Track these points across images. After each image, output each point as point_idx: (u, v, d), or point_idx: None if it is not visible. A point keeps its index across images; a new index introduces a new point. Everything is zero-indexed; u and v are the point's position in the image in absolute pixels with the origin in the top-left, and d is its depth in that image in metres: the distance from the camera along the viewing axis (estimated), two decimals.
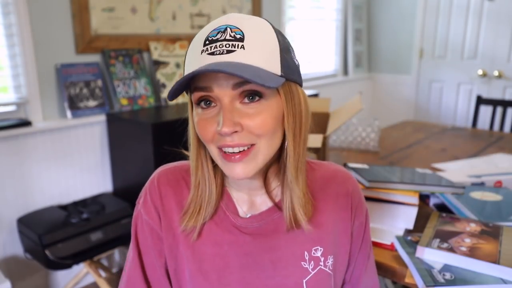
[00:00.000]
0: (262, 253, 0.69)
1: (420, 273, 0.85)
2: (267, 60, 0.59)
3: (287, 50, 0.63)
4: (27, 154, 1.98)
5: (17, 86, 1.97)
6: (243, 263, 0.69)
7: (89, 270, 2.02)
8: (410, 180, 1.20)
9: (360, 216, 0.76)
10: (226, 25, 0.59)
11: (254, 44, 0.59)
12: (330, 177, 0.75)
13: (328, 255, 0.71)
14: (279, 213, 0.70)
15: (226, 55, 0.58)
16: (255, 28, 0.60)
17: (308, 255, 0.70)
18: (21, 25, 1.90)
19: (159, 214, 0.72)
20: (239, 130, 0.59)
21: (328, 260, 0.70)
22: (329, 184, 0.74)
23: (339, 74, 3.86)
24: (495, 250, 0.89)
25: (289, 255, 0.69)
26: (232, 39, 0.58)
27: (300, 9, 3.42)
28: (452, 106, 3.68)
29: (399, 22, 3.84)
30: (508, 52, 3.30)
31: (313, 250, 0.70)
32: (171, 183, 0.72)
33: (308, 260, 0.69)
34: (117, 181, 2.27)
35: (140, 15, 2.33)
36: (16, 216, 1.97)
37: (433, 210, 1.21)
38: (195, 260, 0.69)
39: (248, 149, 0.61)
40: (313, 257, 0.70)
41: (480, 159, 1.66)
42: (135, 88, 2.28)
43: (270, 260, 0.69)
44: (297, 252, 0.69)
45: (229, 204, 0.71)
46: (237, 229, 0.70)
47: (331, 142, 1.91)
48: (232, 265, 0.69)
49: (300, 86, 0.66)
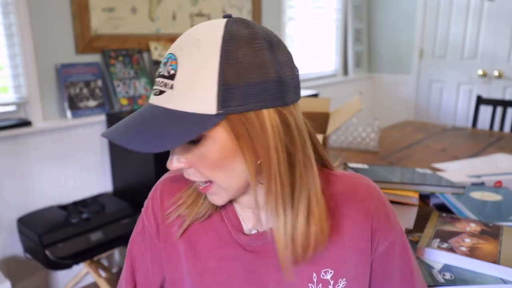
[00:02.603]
0: (267, 272, 0.65)
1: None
2: (197, 99, 0.51)
3: (244, 71, 0.51)
4: (27, 154, 1.98)
5: (17, 86, 1.97)
6: (246, 280, 0.65)
7: (89, 270, 2.02)
8: (410, 180, 1.20)
9: (384, 237, 0.66)
10: (169, 55, 0.55)
11: (184, 82, 0.52)
12: (349, 192, 0.66)
13: (340, 278, 0.65)
14: None
15: (158, 96, 0.54)
16: (193, 56, 0.52)
17: (316, 277, 0.64)
18: (21, 25, 1.90)
19: (158, 224, 0.70)
20: (186, 167, 0.56)
21: (339, 283, 0.65)
22: (347, 201, 0.65)
23: (339, 74, 3.86)
24: (495, 250, 0.89)
25: (295, 276, 0.63)
26: (166, 75, 0.53)
27: (300, 9, 3.42)
28: (452, 106, 3.68)
29: (399, 22, 3.84)
30: (508, 52, 3.30)
31: (323, 272, 0.64)
32: (174, 193, 0.69)
33: (316, 282, 0.64)
34: (117, 181, 2.27)
35: (140, 15, 2.33)
36: (16, 216, 1.97)
37: (433, 210, 1.21)
38: (197, 272, 0.67)
39: (209, 184, 0.58)
40: (322, 280, 0.64)
41: (480, 159, 1.66)
42: (135, 88, 2.28)
43: (274, 280, 0.65)
44: (304, 273, 0.64)
45: (233, 220, 0.67)
46: (240, 246, 0.66)
47: (331, 142, 1.91)
48: (234, 281, 0.66)
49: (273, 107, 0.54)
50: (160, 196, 0.70)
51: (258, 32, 0.54)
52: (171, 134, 0.50)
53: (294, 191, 0.57)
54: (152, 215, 0.71)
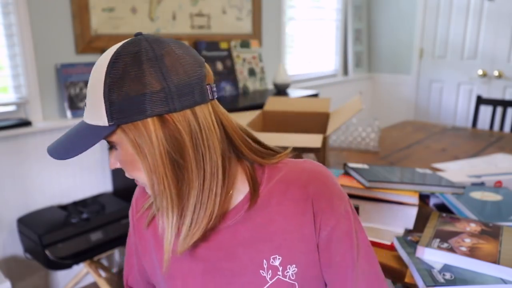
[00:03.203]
0: (220, 262, 0.68)
1: (420, 273, 0.85)
2: (95, 113, 0.60)
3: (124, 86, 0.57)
4: (27, 154, 1.98)
5: (17, 86, 1.97)
6: (205, 269, 0.69)
7: (89, 270, 2.02)
8: (410, 180, 1.20)
9: (327, 220, 0.67)
10: None
11: (88, 100, 0.61)
12: (293, 179, 0.68)
13: (288, 264, 0.66)
14: (235, 219, 0.68)
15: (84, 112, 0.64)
16: (92, 79, 0.61)
17: (266, 263, 0.67)
18: (21, 25, 1.90)
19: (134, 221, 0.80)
20: (117, 167, 0.67)
21: (288, 269, 0.66)
22: (290, 187, 0.68)
23: (339, 74, 3.86)
24: (495, 250, 0.90)
25: (248, 263, 0.67)
26: None
27: (300, 9, 3.42)
28: (452, 106, 3.68)
29: (399, 22, 3.84)
30: (508, 52, 3.30)
31: (271, 258, 0.67)
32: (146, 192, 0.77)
33: (267, 268, 0.67)
34: (117, 181, 2.27)
35: (140, 15, 2.33)
36: (16, 216, 1.97)
37: (433, 210, 1.21)
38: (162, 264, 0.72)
39: None
40: (272, 266, 0.67)
41: (480, 159, 1.66)
42: None
43: (227, 268, 0.68)
44: (255, 260, 0.67)
45: None
46: None
47: (331, 142, 1.91)
48: (195, 271, 0.69)
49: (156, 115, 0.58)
50: (135, 196, 0.80)
51: (142, 47, 0.59)
52: (80, 143, 0.61)
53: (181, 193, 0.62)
54: (131, 213, 0.80)
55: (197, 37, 2.61)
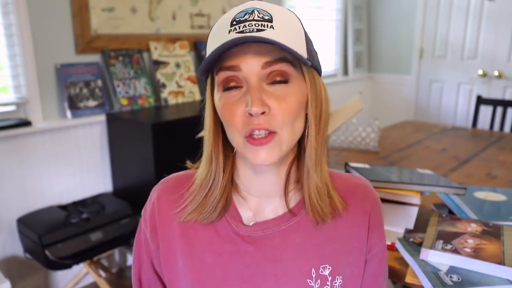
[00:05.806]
0: (265, 265, 0.65)
1: (428, 276, 0.83)
2: (296, 42, 0.59)
3: (309, 38, 0.64)
4: (27, 154, 1.98)
5: (17, 86, 1.97)
6: (244, 274, 0.65)
7: (89, 270, 2.02)
8: (411, 180, 1.20)
9: (377, 239, 0.69)
10: (253, 8, 0.59)
11: (282, 26, 0.59)
12: (350, 191, 0.69)
13: (337, 275, 0.65)
14: (288, 223, 0.66)
15: (256, 33, 0.56)
16: (281, 12, 0.61)
17: (315, 272, 0.65)
18: (21, 25, 1.90)
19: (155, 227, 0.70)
20: (266, 111, 0.57)
21: (336, 280, 0.65)
22: (347, 199, 0.68)
23: (339, 74, 3.86)
24: (499, 250, 0.89)
25: (294, 270, 0.64)
26: (260, 19, 0.58)
27: (300, 9, 3.42)
28: (452, 106, 3.68)
29: (399, 22, 3.84)
30: (508, 52, 3.30)
31: (321, 268, 0.65)
32: (171, 202, 0.70)
33: (315, 278, 0.64)
34: (117, 181, 2.27)
35: (140, 15, 2.33)
36: (16, 216, 1.96)
37: (433, 210, 1.21)
38: (194, 269, 0.67)
39: (272, 134, 0.59)
40: (321, 276, 0.65)
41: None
42: (135, 88, 2.28)
43: (272, 273, 0.65)
44: (303, 268, 0.65)
45: (231, 211, 0.68)
46: (239, 238, 0.66)
47: (331, 142, 1.91)
48: (232, 277, 0.65)
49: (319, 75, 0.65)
50: (157, 199, 0.71)
51: None
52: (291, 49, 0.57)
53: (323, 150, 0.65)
54: (148, 218, 0.71)
55: (197, 37, 2.61)
